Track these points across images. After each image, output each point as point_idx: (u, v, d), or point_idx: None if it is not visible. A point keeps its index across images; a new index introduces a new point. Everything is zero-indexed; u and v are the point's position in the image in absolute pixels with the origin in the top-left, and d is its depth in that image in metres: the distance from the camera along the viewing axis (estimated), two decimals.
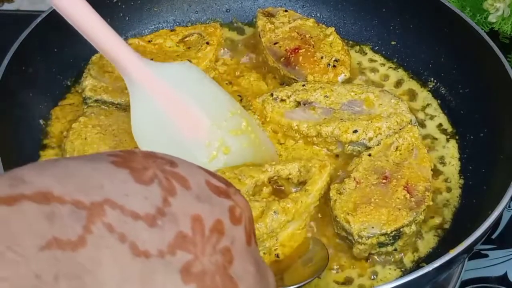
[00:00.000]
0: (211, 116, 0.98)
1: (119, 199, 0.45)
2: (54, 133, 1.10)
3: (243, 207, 0.52)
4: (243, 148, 0.99)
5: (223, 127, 0.99)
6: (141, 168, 0.48)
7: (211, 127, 0.98)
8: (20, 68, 1.08)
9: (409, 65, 1.23)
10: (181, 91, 0.97)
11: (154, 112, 0.96)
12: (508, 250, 1.14)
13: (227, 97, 1.02)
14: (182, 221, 0.47)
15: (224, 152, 0.98)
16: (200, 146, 0.97)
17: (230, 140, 0.99)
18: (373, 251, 0.95)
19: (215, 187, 0.51)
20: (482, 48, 1.09)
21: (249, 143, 1.00)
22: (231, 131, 0.99)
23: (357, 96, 1.08)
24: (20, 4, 1.53)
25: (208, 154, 0.98)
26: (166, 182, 0.48)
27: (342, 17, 1.30)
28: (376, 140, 1.04)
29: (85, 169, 0.46)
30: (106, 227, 0.43)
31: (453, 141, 1.11)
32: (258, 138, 1.01)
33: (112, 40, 0.92)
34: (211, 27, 1.23)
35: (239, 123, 1.00)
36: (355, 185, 0.97)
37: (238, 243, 0.50)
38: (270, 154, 1.03)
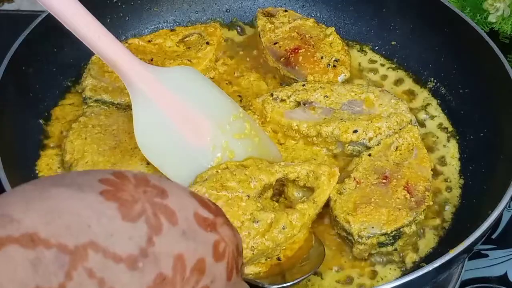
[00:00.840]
0: (214, 120, 0.98)
1: (104, 240, 0.45)
2: (54, 133, 1.10)
3: (228, 241, 0.52)
4: (247, 152, 0.99)
5: (227, 131, 0.98)
6: (130, 201, 0.47)
7: (215, 132, 0.97)
8: (20, 68, 1.08)
9: (409, 65, 1.23)
10: (183, 95, 0.97)
11: (157, 118, 0.95)
12: (508, 250, 1.14)
13: (229, 100, 1.02)
14: (164, 262, 0.47)
15: (229, 156, 0.98)
16: (205, 151, 0.97)
17: (234, 144, 0.98)
18: (373, 251, 0.95)
19: (203, 219, 0.51)
20: (482, 48, 1.10)
21: (253, 146, 1.00)
22: (235, 135, 0.99)
23: (357, 96, 1.08)
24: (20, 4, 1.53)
25: (213, 158, 0.97)
26: (153, 219, 0.48)
27: (342, 17, 1.30)
28: (376, 140, 1.04)
29: (73, 204, 0.46)
30: (86, 273, 0.43)
31: (453, 141, 1.11)
32: (262, 142, 1.01)
33: (112, 45, 0.91)
34: (211, 27, 1.23)
35: (242, 126, 1.00)
36: (355, 185, 0.97)
37: (218, 281, 0.51)
38: (275, 157, 1.02)
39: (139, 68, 0.94)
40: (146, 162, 1.00)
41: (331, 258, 0.95)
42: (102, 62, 1.13)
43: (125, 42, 1.18)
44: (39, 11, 1.15)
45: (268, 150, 1.02)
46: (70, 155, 1.02)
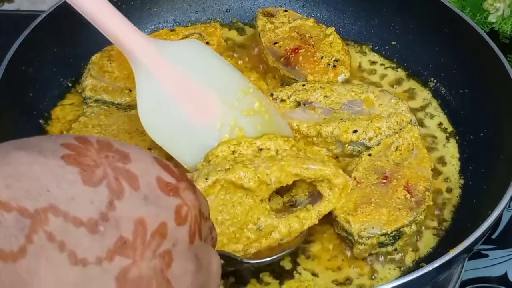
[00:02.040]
0: (222, 96, 0.94)
1: (64, 204, 0.45)
2: (54, 133, 1.10)
3: (191, 205, 0.52)
4: (257, 130, 0.95)
5: (235, 107, 0.94)
6: (92, 166, 0.47)
7: (223, 108, 0.93)
8: (20, 68, 1.08)
9: (409, 65, 1.23)
10: (189, 71, 0.93)
11: (161, 95, 0.91)
12: (508, 250, 1.14)
13: (238, 75, 0.98)
14: (124, 226, 0.47)
15: (238, 134, 0.94)
16: (212, 129, 0.93)
17: (243, 122, 0.94)
18: (373, 251, 0.95)
19: (165, 184, 0.51)
20: (482, 48, 1.10)
21: (263, 124, 0.96)
22: (244, 112, 0.95)
23: (357, 96, 1.08)
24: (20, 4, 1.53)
25: (220, 137, 0.93)
26: (114, 183, 0.48)
27: (342, 17, 1.30)
28: (376, 140, 1.04)
29: (33, 168, 0.46)
30: (46, 236, 0.44)
31: (453, 141, 1.11)
32: (272, 119, 0.97)
33: (114, 17, 0.88)
34: (211, 27, 1.23)
35: (252, 103, 0.96)
36: (355, 185, 0.97)
37: (180, 245, 0.51)
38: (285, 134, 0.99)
39: (142, 42, 0.90)
40: None
41: (331, 258, 0.95)
42: (102, 62, 1.13)
43: None
44: (39, 11, 1.15)
45: (278, 127, 0.98)
46: None
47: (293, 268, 0.94)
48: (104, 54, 1.14)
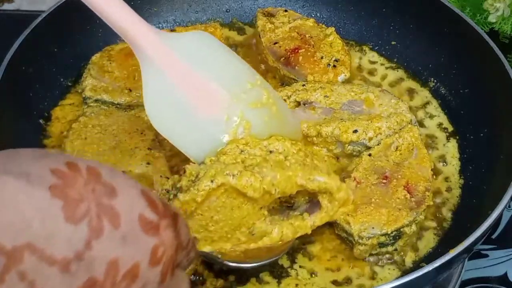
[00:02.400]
0: (229, 88, 0.92)
1: (42, 242, 0.45)
2: (54, 133, 1.10)
3: (168, 245, 0.52)
4: (264, 122, 0.93)
5: (242, 100, 0.92)
6: (77, 200, 0.47)
7: (230, 101, 0.91)
8: (20, 68, 1.08)
9: (409, 65, 1.23)
10: (195, 63, 0.91)
11: (167, 87, 0.89)
12: (508, 250, 1.14)
13: (245, 66, 0.96)
14: (97, 266, 0.47)
15: (245, 127, 0.91)
16: (218, 121, 0.91)
17: (250, 114, 0.92)
18: (373, 251, 0.95)
19: (146, 222, 0.51)
20: (482, 48, 1.10)
21: (270, 116, 0.94)
22: (251, 104, 0.92)
23: (357, 96, 1.08)
24: (20, 4, 1.53)
25: (227, 129, 0.91)
26: (96, 221, 0.47)
27: (342, 17, 1.30)
28: (376, 140, 1.04)
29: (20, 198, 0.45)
30: (18, 276, 0.43)
31: (453, 141, 1.11)
32: (280, 111, 0.95)
33: (119, 8, 0.86)
34: (211, 27, 1.23)
35: (260, 95, 0.93)
36: (355, 185, 0.97)
37: (150, 285, 0.51)
38: (294, 129, 0.98)
39: (148, 33, 0.88)
40: (146, 162, 1.00)
41: (331, 258, 0.95)
42: (102, 62, 1.13)
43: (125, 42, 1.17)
44: (39, 11, 1.15)
45: (285, 119, 0.97)
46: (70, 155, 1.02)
47: (293, 268, 0.94)
48: (104, 54, 1.15)
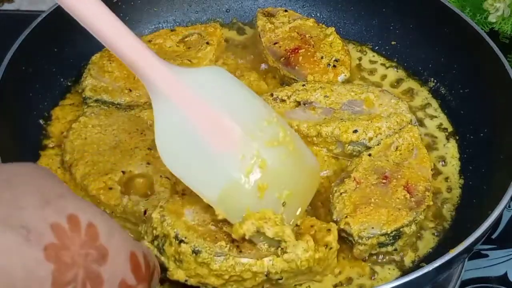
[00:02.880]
0: (244, 125, 0.88)
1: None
2: (54, 133, 1.10)
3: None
4: (281, 161, 0.90)
5: (258, 137, 0.88)
6: (68, 265, 0.49)
7: (245, 138, 0.87)
8: (20, 68, 1.08)
9: (409, 65, 1.23)
10: (210, 99, 0.88)
11: (181, 124, 0.86)
12: (508, 250, 1.14)
13: (262, 104, 0.93)
14: None
15: (260, 166, 0.88)
16: (233, 160, 0.87)
17: (266, 153, 0.88)
18: (373, 251, 0.95)
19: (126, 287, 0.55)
20: (482, 48, 1.10)
21: (287, 154, 0.91)
22: (267, 143, 0.89)
23: (357, 96, 1.08)
24: (20, 4, 1.53)
25: (242, 168, 0.87)
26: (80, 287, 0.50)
27: (342, 17, 1.30)
28: (376, 140, 1.04)
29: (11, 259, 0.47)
30: None
31: (453, 141, 1.11)
32: (298, 149, 0.92)
33: (130, 42, 0.83)
34: (211, 27, 1.23)
35: (276, 133, 0.90)
36: (355, 185, 0.97)
37: None
38: (312, 167, 0.95)
39: (160, 68, 0.85)
40: (146, 162, 1.00)
41: None
42: (102, 62, 1.13)
43: None
44: (39, 11, 1.15)
45: (303, 157, 0.94)
46: (70, 155, 1.02)
47: None
48: (104, 54, 1.15)
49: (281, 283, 0.88)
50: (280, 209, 0.89)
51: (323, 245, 0.88)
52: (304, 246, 0.86)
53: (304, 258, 0.86)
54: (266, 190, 0.87)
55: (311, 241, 0.87)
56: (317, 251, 0.87)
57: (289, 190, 0.90)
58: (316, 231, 0.91)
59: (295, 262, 0.86)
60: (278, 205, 0.89)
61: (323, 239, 0.89)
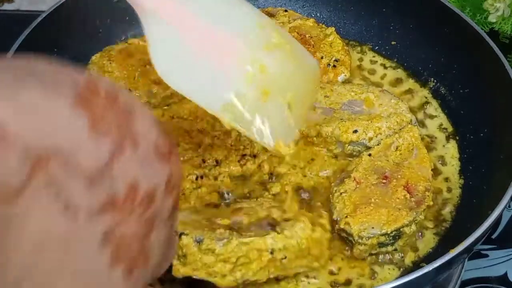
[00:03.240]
0: (238, 34, 0.87)
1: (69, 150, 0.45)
2: None
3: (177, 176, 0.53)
4: (280, 63, 0.88)
5: (254, 44, 0.87)
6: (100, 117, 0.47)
7: (241, 47, 0.86)
8: None
9: (409, 65, 1.23)
10: (201, 12, 0.86)
11: (174, 40, 0.85)
12: (508, 250, 1.14)
13: (250, 7, 0.91)
14: (119, 185, 0.48)
15: (261, 71, 0.86)
16: (233, 70, 0.86)
17: (264, 58, 0.86)
18: (373, 251, 0.95)
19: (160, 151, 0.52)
20: (482, 48, 1.10)
21: (285, 56, 0.89)
22: (264, 47, 0.87)
23: (357, 96, 1.08)
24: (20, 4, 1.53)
25: (243, 76, 0.85)
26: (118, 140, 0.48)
27: (342, 17, 1.30)
28: (376, 140, 1.04)
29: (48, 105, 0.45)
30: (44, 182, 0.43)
31: (453, 141, 1.11)
32: (294, 48, 0.91)
33: None
34: None
35: (271, 36, 0.88)
36: (355, 185, 0.97)
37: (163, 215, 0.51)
38: (311, 65, 0.93)
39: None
40: None
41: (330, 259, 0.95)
42: (102, 62, 1.13)
43: (125, 42, 1.18)
44: (39, 11, 1.15)
45: (301, 57, 0.92)
46: None
47: None
48: (104, 54, 1.14)
49: (285, 263, 0.88)
50: (285, 112, 0.87)
51: (318, 226, 0.90)
52: (301, 225, 0.88)
53: (303, 236, 0.87)
54: (269, 94, 0.86)
55: (307, 221, 0.89)
56: (314, 231, 0.89)
57: (292, 91, 0.88)
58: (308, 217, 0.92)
59: (295, 239, 0.86)
60: (284, 108, 0.87)
61: (317, 221, 0.91)
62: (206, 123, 1.11)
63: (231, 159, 1.05)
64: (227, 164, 1.05)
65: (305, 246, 0.87)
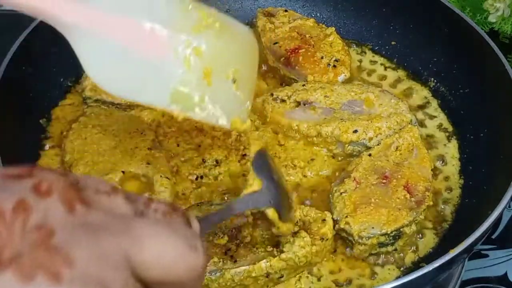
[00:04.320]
0: (164, 22, 0.84)
1: None
2: (54, 133, 1.10)
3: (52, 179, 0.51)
4: (213, 42, 0.86)
5: (182, 28, 0.85)
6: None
7: (170, 34, 0.84)
8: (20, 68, 1.08)
9: (409, 65, 1.23)
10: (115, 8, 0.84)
11: (104, 50, 0.83)
12: (508, 250, 1.13)
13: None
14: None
15: (196, 54, 0.85)
16: (167, 60, 0.84)
17: (196, 40, 0.85)
18: (373, 251, 0.95)
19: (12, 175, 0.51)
20: (482, 48, 1.10)
21: (217, 34, 0.87)
22: (193, 30, 0.85)
23: (357, 96, 1.08)
24: None
25: (179, 63, 0.84)
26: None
27: (342, 17, 1.30)
28: (376, 140, 1.04)
29: None
30: None
31: (453, 141, 1.11)
32: (224, 25, 0.89)
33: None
34: None
35: (197, 17, 0.87)
36: (355, 185, 0.97)
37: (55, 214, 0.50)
38: (244, 34, 0.92)
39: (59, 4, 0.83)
40: (146, 162, 1.00)
41: (331, 259, 0.95)
42: None
43: None
44: None
45: (233, 30, 0.90)
46: (70, 155, 1.02)
47: None
48: None
49: (283, 280, 0.89)
50: (232, 88, 0.87)
51: (319, 238, 0.90)
52: (300, 243, 0.88)
53: (301, 254, 0.87)
54: (211, 75, 0.85)
55: (307, 237, 0.88)
56: (314, 245, 0.89)
57: (234, 65, 0.88)
58: (311, 222, 0.92)
59: (292, 259, 0.87)
60: (230, 85, 0.87)
61: (318, 232, 0.90)
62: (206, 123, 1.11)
63: (231, 159, 1.06)
64: (227, 164, 1.05)
65: (304, 262, 0.88)
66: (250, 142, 0.96)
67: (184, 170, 1.03)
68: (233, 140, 1.08)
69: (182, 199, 1.01)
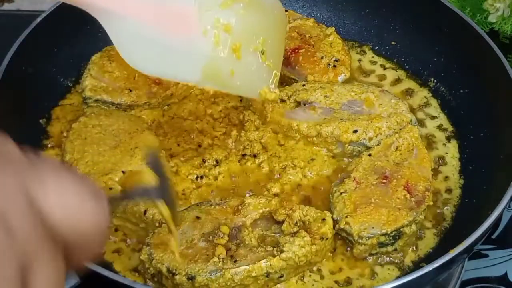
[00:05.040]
0: (191, 1, 0.86)
1: None
2: (54, 133, 1.10)
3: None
4: (242, 15, 0.88)
5: (211, 6, 0.87)
6: None
7: (199, 13, 0.86)
8: (20, 68, 1.08)
9: (409, 65, 1.23)
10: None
11: (137, 32, 0.86)
12: (508, 250, 1.13)
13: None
14: None
15: (225, 30, 0.87)
16: (197, 38, 0.86)
17: (225, 16, 0.87)
18: (373, 251, 0.95)
19: None
20: (482, 48, 1.10)
21: (245, 7, 0.88)
22: (222, 6, 0.87)
23: (357, 96, 1.08)
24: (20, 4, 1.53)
25: (209, 40, 0.86)
26: None
27: (342, 17, 1.30)
28: (376, 140, 1.04)
29: None
30: None
31: (453, 141, 1.11)
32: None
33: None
34: None
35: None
36: (355, 185, 0.97)
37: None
38: (273, 5, 0.92)
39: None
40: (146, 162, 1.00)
41: (331, 259, 0.95)
42: (102, 62, 1.13)
43: None
44: (39, 11, 1.15)
45: (262, 2, 0.92)
46: (70, 155, 1.02)
47: None
48: (104, 54, 1.14)
49: (283, 280, 0.89)
50: (260, 58, 0.89)
51: (319, 237, 0.90)
52: (300, 242, 0.88)
53: (301, 254, 0.88)
54: (241, 49, 0.87)
55: (307, 237, 0.89)
56: (314, 244, 0.89)
57: (262, 37, 0.90)
58: (311, 221, 0.92)
59: (292, 259, 0.87)
60: (258, 56, 0.89)
61: (318, 231, 0.91)
62: (206, 123, 1.11)
63: (231, 159, 1.06)
64: (227, 164, 1.05)
65: (304, 262, 0.89)
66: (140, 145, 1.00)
67: (184, 170, 1.03)
68: (233, 140, 1.08)
69: (182, 199, 1.01)
